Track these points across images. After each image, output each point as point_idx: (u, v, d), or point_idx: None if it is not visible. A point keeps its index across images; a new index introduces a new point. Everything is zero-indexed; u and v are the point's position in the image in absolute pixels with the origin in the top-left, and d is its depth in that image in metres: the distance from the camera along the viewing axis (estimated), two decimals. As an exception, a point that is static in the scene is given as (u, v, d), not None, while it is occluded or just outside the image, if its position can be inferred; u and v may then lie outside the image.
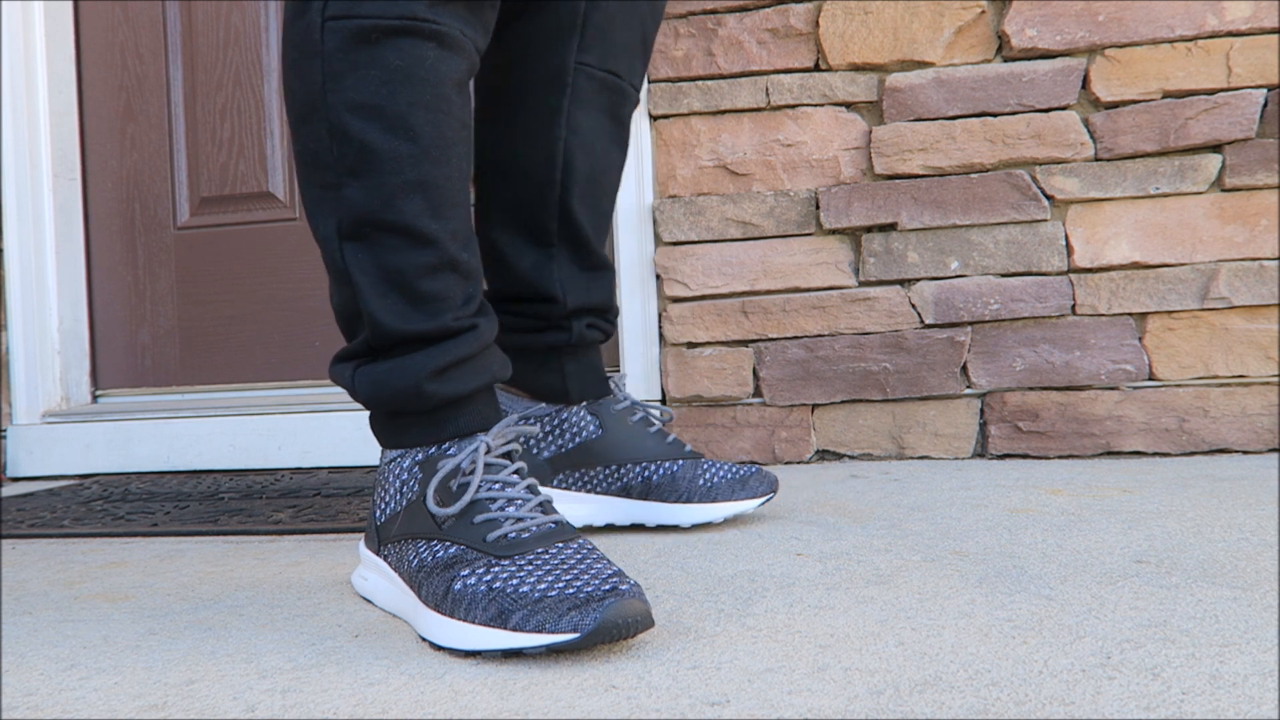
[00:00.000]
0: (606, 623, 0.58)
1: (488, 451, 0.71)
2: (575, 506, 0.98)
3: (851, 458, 1.45)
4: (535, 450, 0.97)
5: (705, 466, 0.98)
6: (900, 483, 1.23)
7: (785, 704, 0.52)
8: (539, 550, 0.65)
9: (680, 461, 0.97)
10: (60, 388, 1.81)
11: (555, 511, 0.70)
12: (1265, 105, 1.33)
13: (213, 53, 1.81)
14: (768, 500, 0.98)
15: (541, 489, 0.94)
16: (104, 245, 1.86)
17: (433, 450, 0.73)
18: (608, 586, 0.60)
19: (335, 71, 0.70)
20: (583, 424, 0.98)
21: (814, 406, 1.46)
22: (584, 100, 0.94)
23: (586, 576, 0.62)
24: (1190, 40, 1.36)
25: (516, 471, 0.71)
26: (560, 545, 0.66)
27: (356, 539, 1.04)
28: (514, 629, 0.59)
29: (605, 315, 1.01)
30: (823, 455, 1.46)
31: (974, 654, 0.58)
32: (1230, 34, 1.35)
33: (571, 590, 0.60)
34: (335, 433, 1.65)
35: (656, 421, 1.01)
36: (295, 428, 1.66)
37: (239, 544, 1.04)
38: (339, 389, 1.75)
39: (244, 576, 0.88)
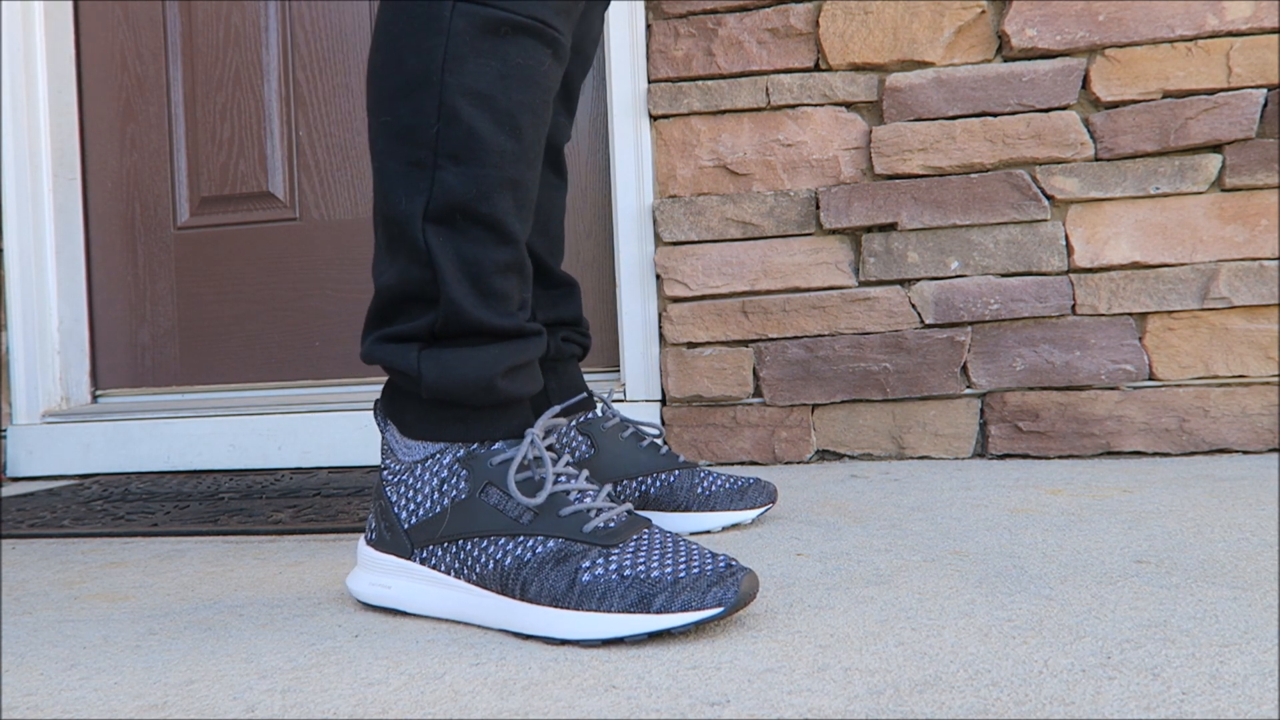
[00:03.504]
0: (744, 594, 0.63)
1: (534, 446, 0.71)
2: None
3: (851, 458, 1.45)
4: None
5: (702, 476, 0.98)
6: (900, 483, 1.23)
7: (785, 704, 0.52)
8: (635, 538, 0.67)
9: (676, 472, 0.98)
10: (60, 388, 1.81)
11: (618, 499, 0.73)
12: (1265, 105, 1.33)
13: (213, 53, 1.81)
14: (765, 510, 0.98)
15: None
16: (104, 245, 1.86)
17: (475, 448, 0.71)
18: (723, 565, 0.65)
19: (458, 54, 0.69)
20: (574, 444, 0.98)
21: (814, 406, 1.46)
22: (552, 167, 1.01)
23: (699, 558, 0.66)
24: (1190, 40, 1.36)
25: (570, 464, 0.73)
26: (647, 533, 0.69)
27: (357, 539, 1.04)
28: (659, 611, 0.62)
29: (578, 328, 1.03)
30: (823, 455, 1.46)
31: (974, 654, 0.58)
32: (1230, 34, 1.35)
33: (698, 570, 0.64)
34: (335, 433, 1.65)
35: (648, 435, 1.01)
36: (295, 428, 1.66)
37: (239, 544, 1.04)
38: (339, 389, 1.75)
39: (244, 576, 0.88)
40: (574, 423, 0.98)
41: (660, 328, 1.51)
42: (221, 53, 1.81)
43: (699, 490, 0.97)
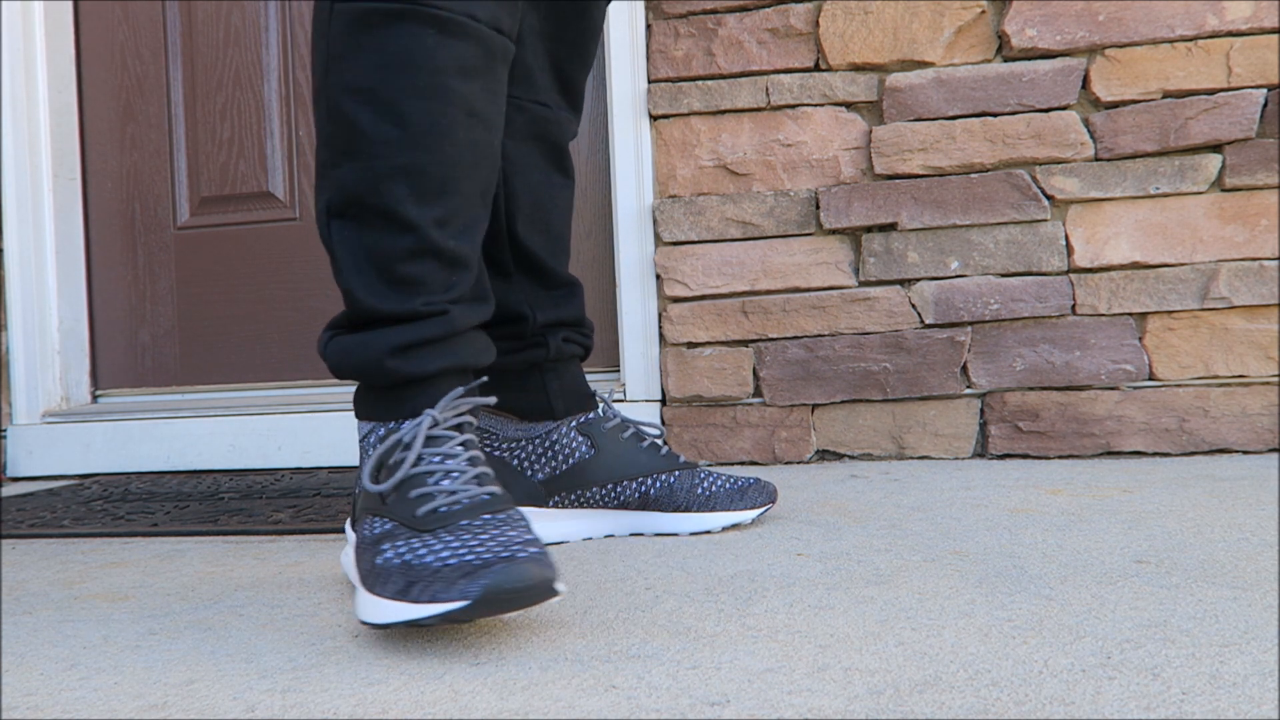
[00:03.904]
0: (492, 588, 0.57)
1: (435, 425, 0.72)
2: (572, 523, 0.97)
3: (851, 458, 1.45)
4: (530, 472, 0.96)
5: (703, 477, 0.98)
6: (900, 483, 1.23)
7: (785, 704, 0.52)
8: (464, 522, 0.66)
9: (676, 473, 0.97)
10: (60, 388, 1.81)
11: (493, 483, 0.70)
12: (1265, 105, 1.33)
13: (213, 53, 1.81)
14: (765, 510, 0.98)
15: (537, 509, 0.96)
16: (104, 245, 1.86)
17: (391, 425, 0.74)
18: (506, 553, 0.60)
19: (337, 54, 0.72)
20: (575, 445, 0.97)
21: (814, 406, 1.46)
22: (514, 132, 0.95)
23: (490, 544, 0.61)
24: (1190, 40, 1.36)
25: (463, 443, 0.72)
26: (488, 517, 0.66)
27: (356, 539, 1.04)
28: (413, 600, 0.60)
29: (580, 329, 1.02)
30: (823, 455, 1.46)
31: (974, 654, 0.58)
32: (1230, 34, 1.35)
33: (470, 558, 0.60)
34: (335, 433, 1.65)
35: (649, 436, 1.00)
36: (295, 428, 1.66)
37: (239, 544, 1.04)
38: (339, 389, 1.75)
39: (244, 576, 0.88)
40: (574, 423, 0.98)
41: (660, 328, 1.51)
42: (221, 53, 1.81)
43: (699, 490, 0.96)
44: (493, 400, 0.77)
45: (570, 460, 0.96)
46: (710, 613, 0.69)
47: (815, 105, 1.46)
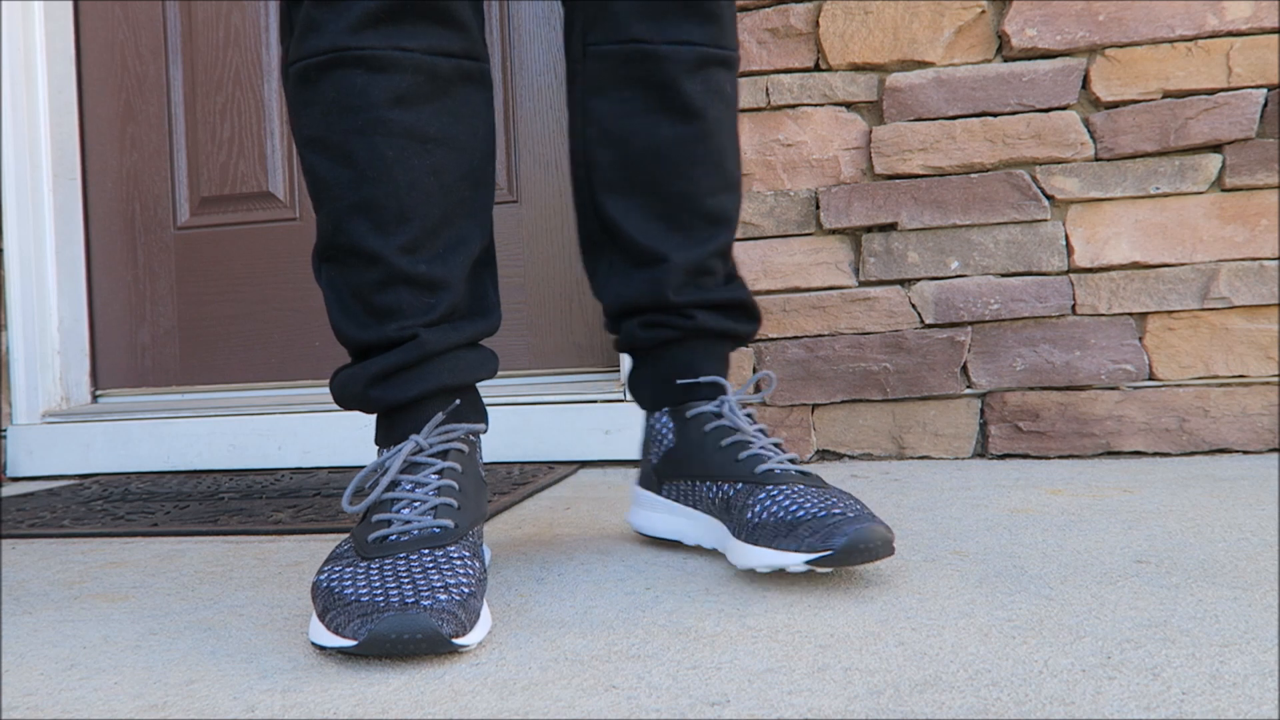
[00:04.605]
0: (377, 635, 0.58)
1: (418, 451, 0.74)
2: (682, 521, 0.88)
3: (851, 458, 1.45)
4: (650, 456, 0.91)
5: (761, 496, 0.78)
6: (900, 483, 1.23)
7: (785, 704, 0.52)
8: (402, 555, 0.66)
9: (740, 484, 0.81)
10: (60, 388, 1.81)
11: (451, 515, 0.70)
12: (1265, 105, 1.33)
13: (213, 53, 1.81)
14: (823, 558, 0.70)
15: (649, 493, 0.91)
16: (104, 245, 1.86)
17: (385, 453, 0.77)
18: (411, 599, 0.60)
19: (295, 111, 0.77)
20: (664, 432, 0.90)
21: (814, 406, 1.46)
22: (599, 84, 0.85)
23: (403, 587, 0.62)
24: (1190, 40, 1.36)
25: (439, 471, 0.73)
26: (425, 552, 0.67)
27: (356, 539, 1.04)
28: (325, 625, 0.62)
29: (662, 311, 0.87)
30: (823, 455, 1.46)
31: (974, 654, 0.58)
32: (1230, 34, 1.35)
33: (377, 598, 0.61)
34: (335, 433, 1.65)
35: (737, 432, 0.83)
36: (295, 428, 1.66)
37: (239, 544, 1.04)
38: (339, 389, 1.75)
39: (244, 576, 0.88)
40: (666, 409, 0.88)
41: (660, 328, 1.51)
42: (221, 53, 1.81)
43: (748, 515, 0.77)
44: (481, 427, 0.78)
45: (662, 447, 0.90)
46: (710, 613, 0.69)
47: (815, 105, 1.46)
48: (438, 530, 0.69)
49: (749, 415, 0.85)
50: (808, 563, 0.70)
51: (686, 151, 0.84)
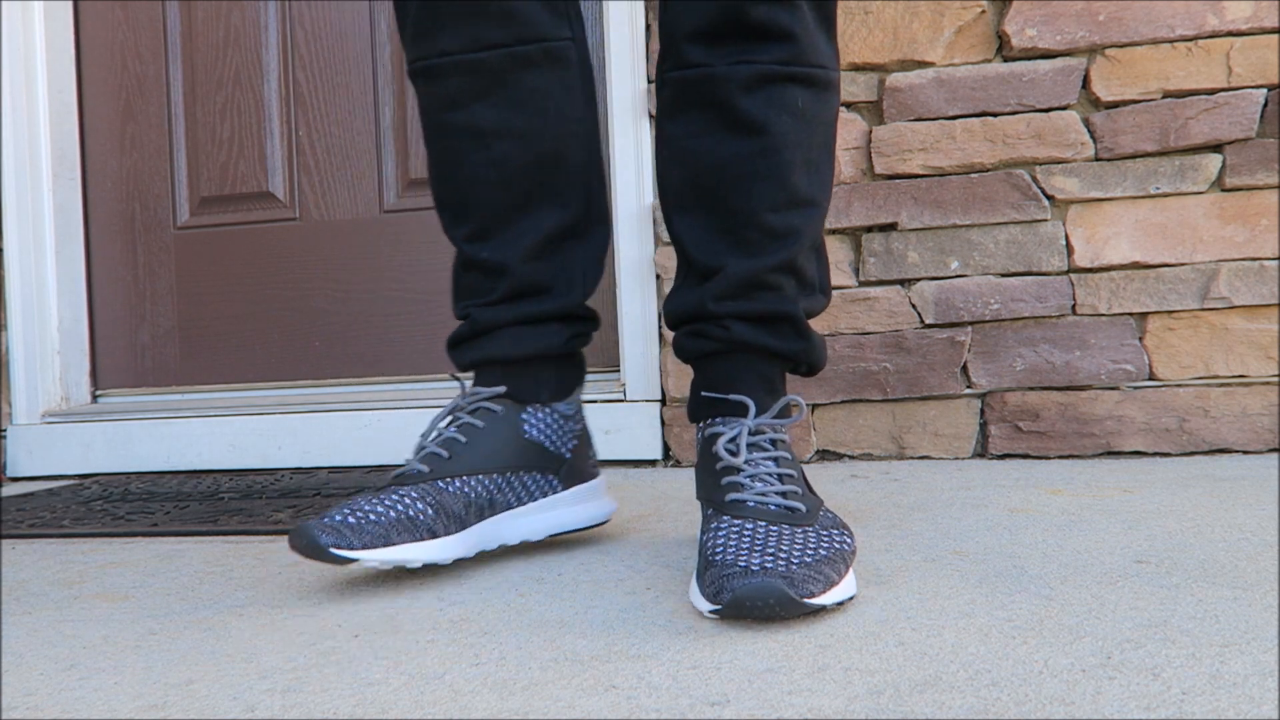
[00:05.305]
0: (309, 543, 0.76)
1: (457, 409, 0.88)
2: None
3: (851, 458, 1.45)
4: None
5: (714, 526, 0.75)
6: (900, 483, 1.23)
7: (785, 704, 0.52)
8: (386, 488, 0.82)
9: (710, 510, 0.79)
10: (60, 388, 1.81)
11: (423, 460, 0.84)
12: (1265, 105, 1.33)
13: (213, 53, 1.81)
14: (716, 612, 0.65)
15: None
16: (104, 245, 1.86)
17: None
18: (351, 519, 0.79)
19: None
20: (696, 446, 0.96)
21: (814, 406, 1.46)
22: (670, 108, 0.85)
23: (357, 510, 0.79)
24: (1190, 40, 1.36)
25: (457, 425, 0.87)
26: (391, 488, 0.82)
27: (356, 539, 1.04)
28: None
29: (702, 321, 0.85)
30: (823, 455, 1.46)
31: (974, 654, 0.58)
32: (1230, 34, 1.35)
33: (351, 519, 0.78)
34: (335, 433, 1.65)
35: (736, 456, 0.80)
36: (295, 428, 1.66)
37: (239, 544, 1.04)
38: (339, 389, 1.75)
39: (244, 576, 0.88)
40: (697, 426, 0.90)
41: (660, 328, 1.51)
42: (221, 53, 1.81)
43: (703, 541, 0.77)
44: (500, 389, 0.88)
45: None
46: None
47: (815, 105, 1.46)
48: (409, 470, 0.82)
49: (773, 441, 0.79)
50: (710, 612, 0.66)
51: (746, 167, 0.82)
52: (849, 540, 0.74)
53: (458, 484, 0.82)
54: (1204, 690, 0.51)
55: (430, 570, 0.84)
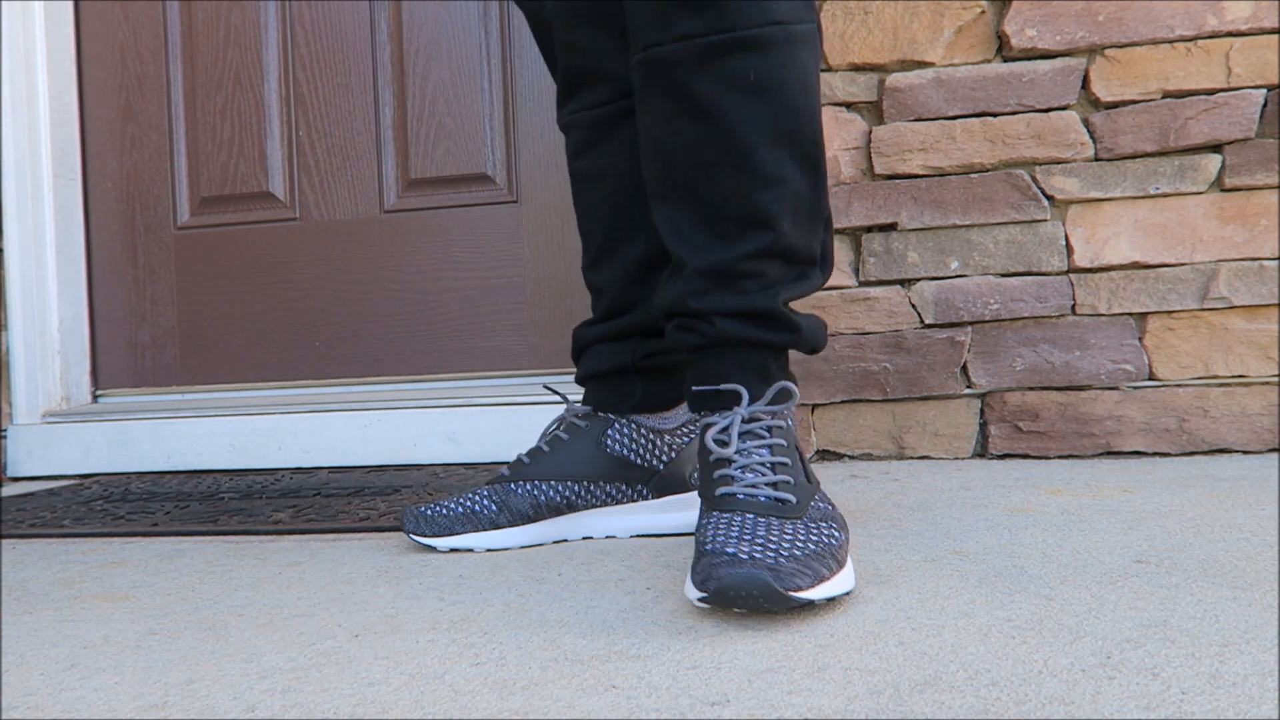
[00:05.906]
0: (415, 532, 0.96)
1: (561, 419, 1.00)
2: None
3: (851, 458, 1.45)
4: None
5: (705, 521, 0.77)
6: (900, 483, 1.23)
7: (785, 704, 0.52)
8: (478, 486, 0.97)
9: (703, 502, 0.90)
10: (60, 388, 1.81)
11: (511, 465, 0.97)
12: (1265, 105, 1.33)
13: (213, 53, 1.81)
14: (704, 599, 0.66)
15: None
16: (104, 245, 1.86)
17: None
18: (459, 510, 0.96)
19: None
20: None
21: (814, 406, 1.46)
22: (640, 95, 0.83)
23: (454, 504, 0.97)
24: (1190, 40, 1.36)
25: (548, 436, 0.98)
26: (469, 490, 0.98)
27: (357, 539, 1.04)
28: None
29: (688, 316, 0.84)
30: (823, 455, 1.46)
31: (974, 654, 0.58)
32: (1230, 34, 1.35)
33: (452, 509, 0.96)
34: (335, 433, 1.65)
35: (726, 447, 0.82)
36: (295, 428, 1.66)
37: (239, 544, 1.04)
38: (339, 389, 1.75)
39: (244, 576, 0.88)
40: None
41: (660, 328, 1.51)
42: (221, 53, 1.81)
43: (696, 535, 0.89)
44: (586, 408, 0.98)
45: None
46: (710, 613, 0.69)
47: (815, 105, 1.46)
48: (498, 475, 0.97)
49: (769, 428, 0.78)
50: (698, 600, 0.67)
51: (707, 154, 0.79)
52: (838, 533, 0.72)
53: (528, 486, 0.94)
54: (1203, 690, 0.51)
55: (431, 570, 0.85)
